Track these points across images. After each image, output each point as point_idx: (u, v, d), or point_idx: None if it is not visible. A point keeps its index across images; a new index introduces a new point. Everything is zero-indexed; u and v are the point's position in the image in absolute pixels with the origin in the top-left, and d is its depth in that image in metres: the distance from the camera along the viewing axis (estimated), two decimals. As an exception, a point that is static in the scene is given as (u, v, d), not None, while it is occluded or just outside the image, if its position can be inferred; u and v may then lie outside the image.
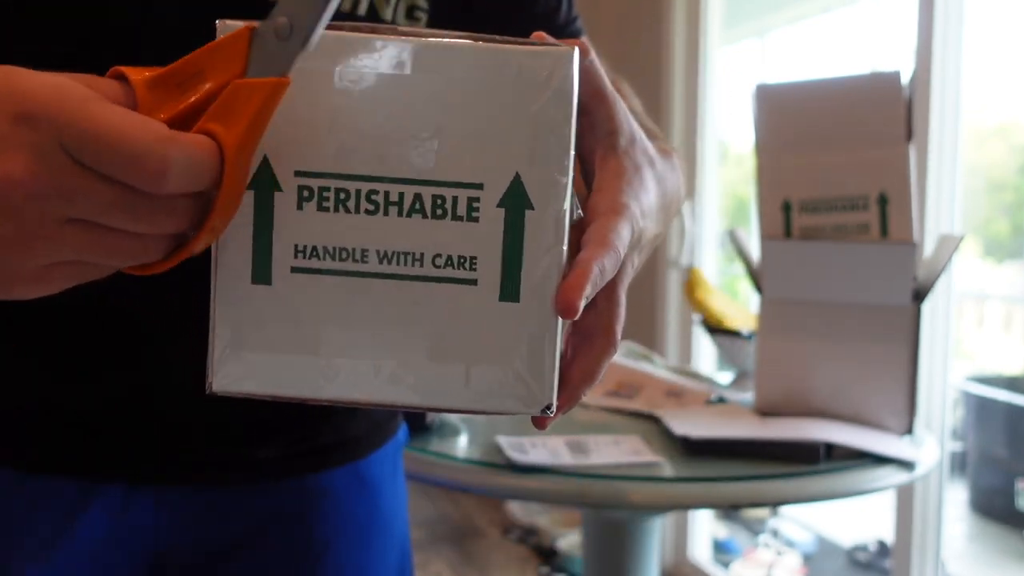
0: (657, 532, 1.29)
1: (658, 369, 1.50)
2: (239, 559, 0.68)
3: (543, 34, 0.41)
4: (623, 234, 0.41)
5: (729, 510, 2.89)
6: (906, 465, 1.07)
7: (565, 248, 0.39)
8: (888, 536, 2.62)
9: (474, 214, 0.39)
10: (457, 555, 2.79)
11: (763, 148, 1.26)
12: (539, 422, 0.41)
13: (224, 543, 0.68)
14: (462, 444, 1.08)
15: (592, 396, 1.36)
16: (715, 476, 1.01)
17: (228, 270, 0.39)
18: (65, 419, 0.62)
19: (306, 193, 0.38)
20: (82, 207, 0.33)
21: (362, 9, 0.63)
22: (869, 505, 2.80)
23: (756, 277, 1.28)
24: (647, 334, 2.66)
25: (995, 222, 3.03)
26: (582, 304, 0.38)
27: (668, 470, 1.03)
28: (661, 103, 2.65)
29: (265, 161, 0.38)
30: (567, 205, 0.39)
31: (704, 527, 2.70)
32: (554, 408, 0.40)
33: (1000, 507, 2.84)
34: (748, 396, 1.33)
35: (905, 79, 1.18)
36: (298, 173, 0.38)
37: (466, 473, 1.01)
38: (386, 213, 0.38)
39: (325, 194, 0.38)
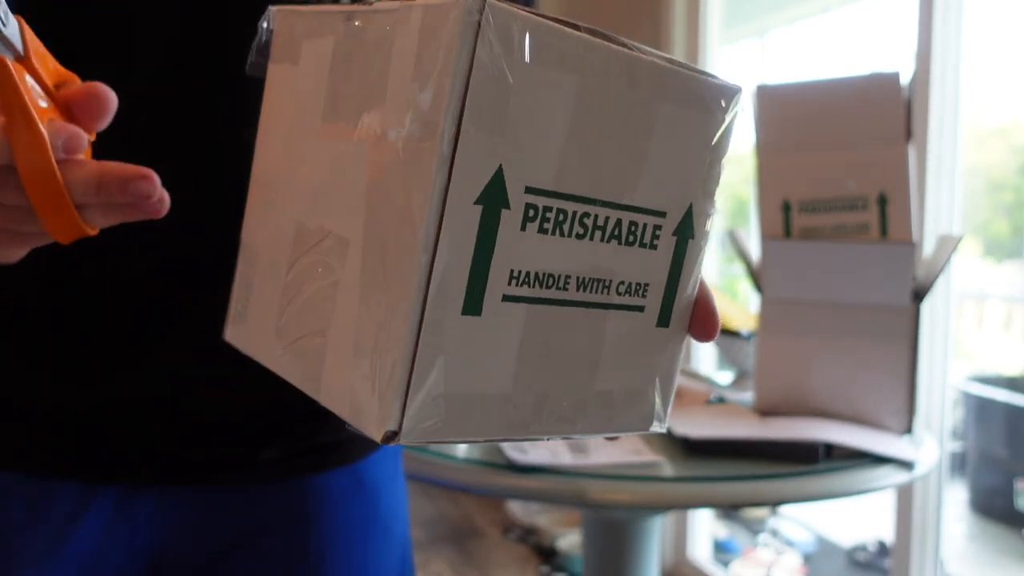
0: (657, 532, 1.29)
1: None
2: (238, 559, 0.68)
3: None
4: None
5: (729, 510, 2.89)
6: (906, 465, 1.07)
7: (701, 275, 0.41)
8: (888, 536, 2.62)
9: (655, 242, 0.39)
10: (457, 555, 2.79)
11: (763, 148, 1.26)
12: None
13: (223, 544, 0.68)
14: (462, 444, 1.08)
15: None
16: (715, 476, 1.01)
17: (439, 300, 0.32)
18: (65, 421, 0.62)
19: (531, 212, 0.34)
20: None
21: None
22: (869, 505, 2.80)
23: (756, 277, 1.29)
24: (647, 334, 2.66)
25: (995, 222, 3.03)
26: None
27: (668, 470, 1.03)
28: (661, 103, 2.64)
29: (499, 172, 0.33)
30: (708, 238, 0.41)
31: (704, 527, 2.69)
32: (667, 424, 0.43)
33: (1000, 507, 2.84)
34: (748, 396, 1.33)
35: (905, 79, 1.18)
36: (528, 190, 0.34)
37: (466, 473, 1.01)
38: (591, 238, 0.36)
39: (547, 215, 0.34)
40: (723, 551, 2.73)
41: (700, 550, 2.66)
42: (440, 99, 0.31)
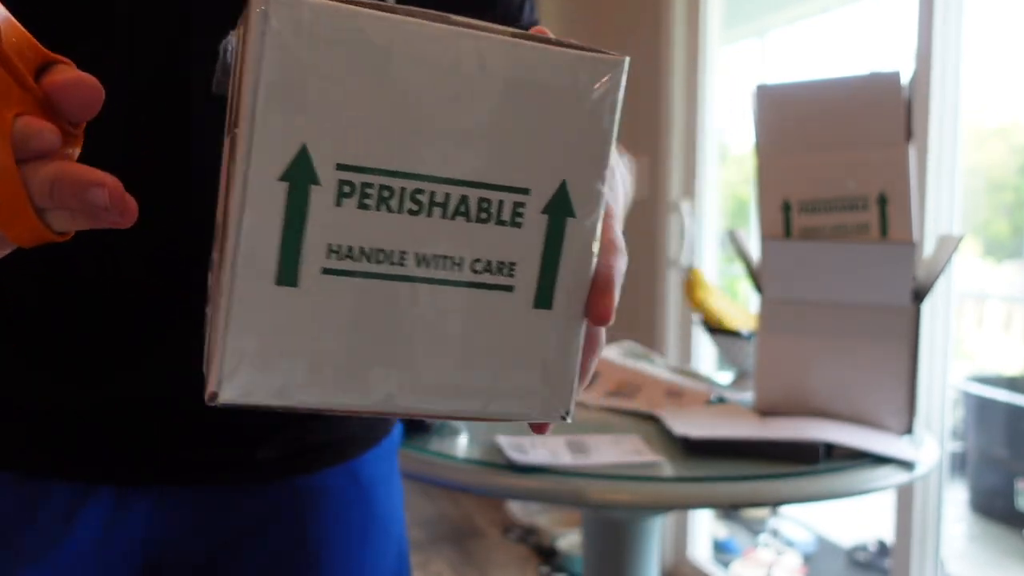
0: (657, 532, 1.29)
1: (658, 369, 1.50)
2: (236, 558, 0.68)
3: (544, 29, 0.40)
4: (619, 236, 0.42)
5: (729, 510, 2.89)
6: (906, 465, 1.07)
7: (596, 257, 0.39)
8: (888, 536, 2.62)
9: (518, 219, 0.38)
10: (457, 555, 2.79)
11: (763, 148, 1.26)
12: (540, 428, 0.41)
13: (222, 543, 0.68)
14: (462, 444, 1.08)
15: (592, 396, 1.36)
16: (715, 476, 1.01)
17: (249, 269, 0.35)
18: (64, 420, 0.62)
19: (346, 188, 0.36)
20: None
21: None
22: (869, 505, 2.80)
23: (756, 277, 1.28)
24: (647, 334, 2.66)
25: (995, 222, 3.03)
26: (614, 310, 0.39)
27: (668, 470, 1.03)
28: (661, 103, 2.65)
29: (303, 151, 0.35)
30: (601, 214, 0.39)
31: (704, 527, 2.69)
32: (571, 415, 0.40)
33: (1000, 507, 2.84)
34: (748, 396, 1.33)
35: (905, 79, 1.18)
36: (340, 167, 0.35)
37: (466, 473, 1.01)
38: (429, 214, 0.37)
39: (368, 191, 0.36)
40: (723, 551, 2.73)
41: (700, 550, 2.66)
42: (246, 89, 0.34)
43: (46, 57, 0.37)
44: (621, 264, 0.40)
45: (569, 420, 0.40)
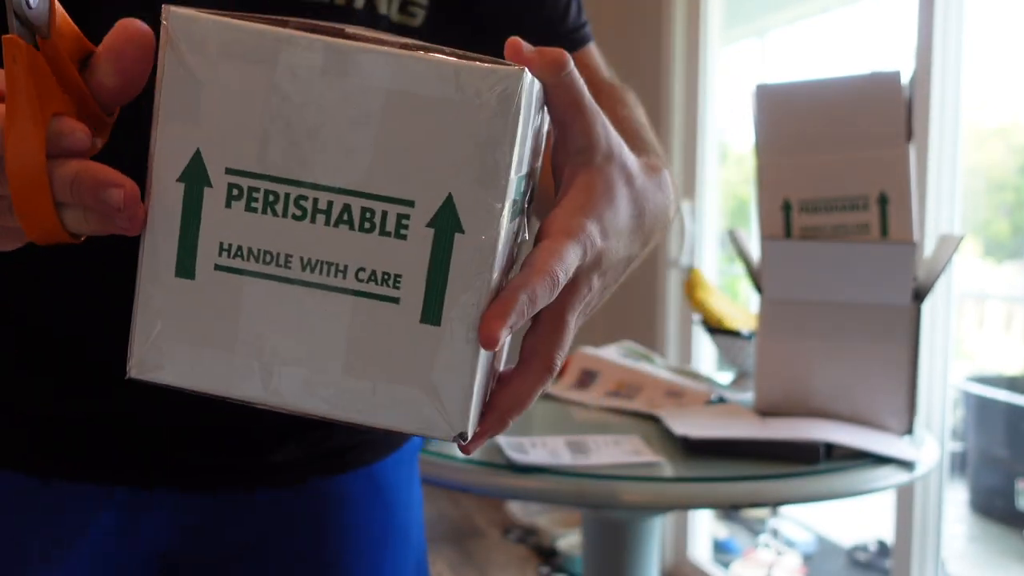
0: (657, 532, 1.29)
1: (658, 369, 1.50)
2: (253, 561, 0.68)
3: (517, 41, 0.40)
4: (567, 258, 0.39)
5: (729, 510, 2.89)
6: (906, 465, 1.07)
7: (495, 276, 0.38)
8: (888, 536, 2.62)
9: (403, 231, 0.37)
10: (457, 555, 2.79)
11: (763, 148, 1.26)
12: (464, 448, 0.40)
13: (239, 546, 0.67)
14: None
15: (592, 396, 1.36)
16: (715, 476, 1.01)
17: (153, 260, 0.39)
18: (81, 425, 0.62)
19: (235, 192, 0.38)
20: None
21: (359, 3, 0.62)
22: (869, 505, 2.79)
23: (756, 277, 1.28)
24: (647, 334, 2.66)
25: (995, 222, 3.03)
26: (503, 334, 0.37)
27: (668, 470, 1.02)
28: (661, 103, 2.65)
29: (197, 155, 0.38)
30: (502, 232, 0.37)
31: (704, 527, 2.70)
32: (469, 436, 0.39)
33: (1000, 507, 2.84)
34: (748, 396, 1.33)
35: (905, 79, 1.18)
36: (229, 171, 0.38)
37: (466, 473, 1.01)
38: (313, 220, 0.37)
39: (254, 195, 0.38)
40: (723, 551, 2.73)
41: (700, 550, 2.66)
42: (156, 98, 0.38)
43: (88, 49, 0.39)
44: (538, 288, 0.38)
45: (463, 442, 0.39)
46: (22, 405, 0.63)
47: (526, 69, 0.37)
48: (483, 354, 0.38)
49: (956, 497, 2.95)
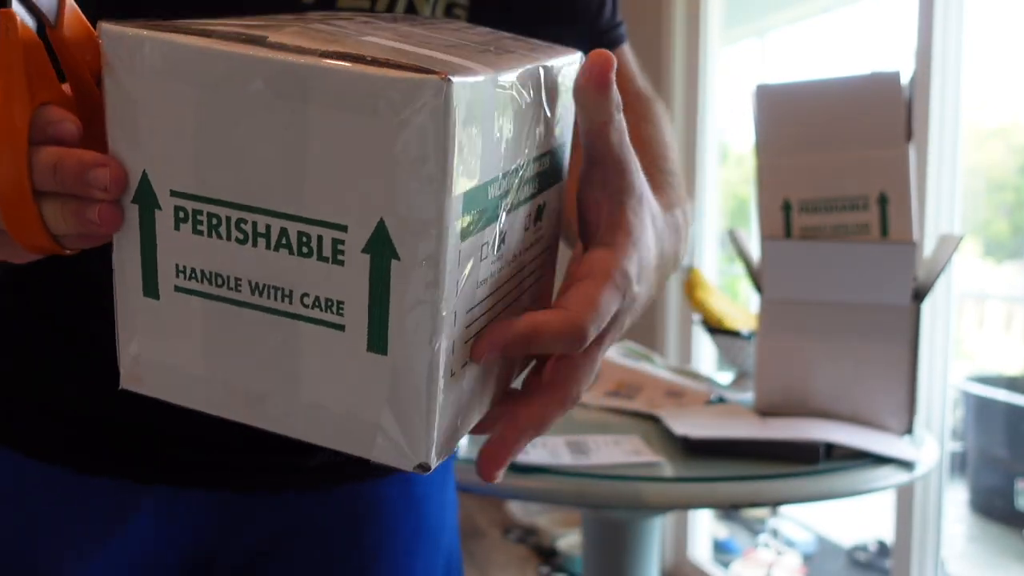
0: (657, 532, 1.29)
1: (658, 369, 1.50)
2: (284, 560, 0.68)
3: (603, 69, 0.38)
4: (605, 307, 0.39)
5: (729, 510, 2.89)
6: (906, 465, 1.07)
7: (441, 304, 0.35)
8: (888, 536, 2.62)
9: (339, 257, 0.35)
10: (457, 555, 2.79)
11: (763, 148, 1.26)
12: (481, 474, 0.39)
13: (269, 545, 0.68)
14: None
15: (592, 396, 1.36)
16: (715, 476, 1.01)
17: (123, 279, 0.39)
18: (118, 423, 0.63)
19: (181, 214, 0.37)
20: None
21: (400, 7, 0.63)
22: (869, 505, 2.79)
23: (756, 277, 1.28)
24: (647, 334, 2.66)
25: (995, 222, 3.02)
26: (492, 356, 0.37)
27: (668, 470, 1.02)
28: (661, 103, 2.64)
29: (144, 176, 0.37)
30: (444, 255, 0.34)
31: (704, 527, 2.70)
32: (432, 465, 0.37)
33: (1000, 507, 2.84)
34: (748, 396, 1.33)
35: (905, 79, 1.18)
36: (173, 193, 0.36)
37: (466, 473, 1.01)
38: (255, 244, 0.36)
39: (199, 217, 0.36)
40: (723, 551, 2.73)
41: (700, 550, 2.66)
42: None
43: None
44: (562, 337, 0.37)
45: (423, 473, 0.37)
46: (61, 402, 0.63)
47: (449, 81, 0.32)
48: (443, 379, 0.36)
49: (956, 497, 2.95)
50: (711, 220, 2.64)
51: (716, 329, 1.56)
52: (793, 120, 1.24)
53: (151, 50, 0.35)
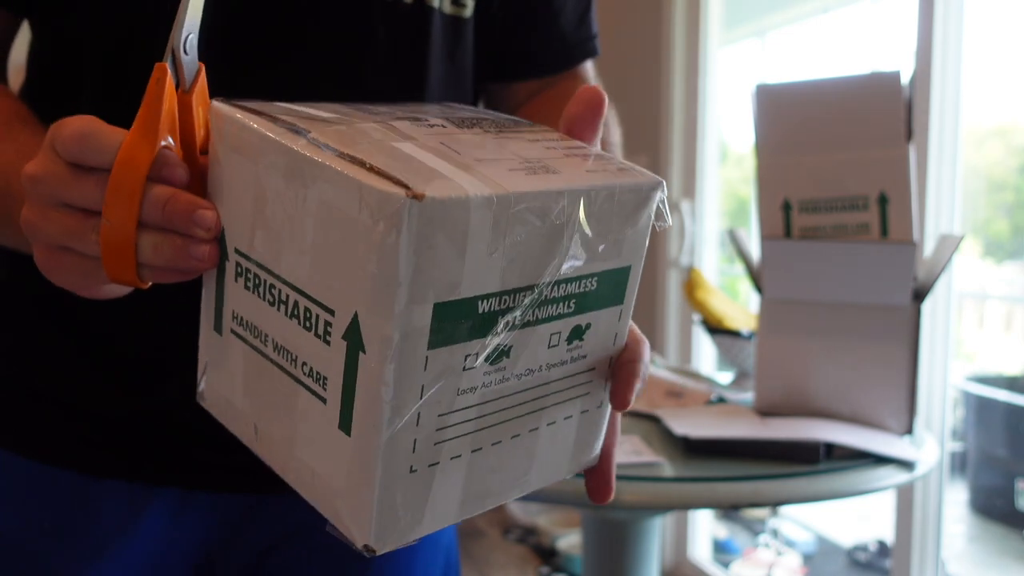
0: (657, 532, 1.29)
1: (658, 369, 1.50)
2: (286, 558, 0.69)
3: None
4: (646, 358, 0.47)
5: (729, 510, 2.89)
6: (906, 465, 1.07)
7: (389, 402, 0.36)
8: (888, 536, 2.62)
9: (328, 337, 0.37)
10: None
11: (763, 148, 1.26)
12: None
13: (272, 543, 0.69)
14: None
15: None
16: (715, 476, 1.01)
17: (205, 310, 0.45)
18: (128, 423, 0.64)
19: (239, 269, 0.42)
20: (58, 190, 0.41)
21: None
22: (869, 505, 2.79)
23: (756, 277, 1.28)
24: (647, 334, 2.65)
25: (995, 222, 3.02)
26: (631, 400, 0.45)
27: (668, 470, 1.02)
28: (661, 103, 2.65)
29: (223, 232, 0.42)
30: (393, 362, 0.35)
31: (704, 527, 2.70)
32: (377, 550, 0.38)
33: (1000, 507, 2.84)
34: (748, 396, 1.33)
35: (905, 79, 1.18)
36: (236, 250, 0.42)
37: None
38: (278, 308, 0.40)
39: (249, 275, 0.41)
40: (723, 551, 2.73)
41: (700, 550, 2.66)
42: None
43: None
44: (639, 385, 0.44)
45: (368, 555, 0.39)
46: (75, 403, 0.64)
47: (427, 195, 0.33)
48: (389, 472, 0.37)
49: (956, 497, 2.95)
50: (711, 220, 2.64)
51: (716, 329, 1.56)
52: (793, 120, 1.24)
53: (234, 127, 0.41)
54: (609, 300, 0.44)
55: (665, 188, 0.43)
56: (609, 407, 0.47)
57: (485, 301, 0.37)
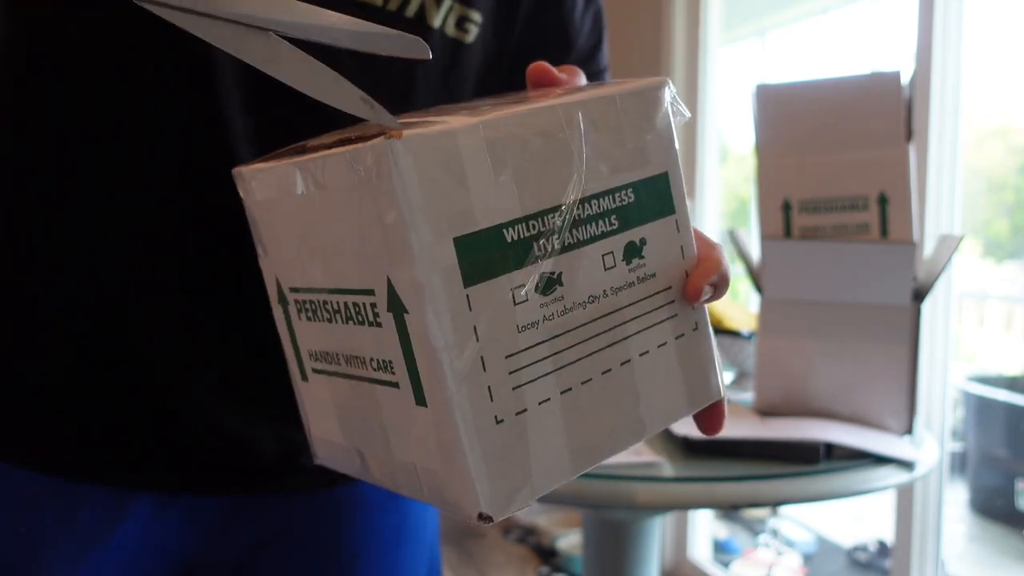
0: (657, 532, 1.29)
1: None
2: (270, 560, 0.68)
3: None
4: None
5: (729, 510, 2.89)
6: (906, 465, 1.07)
7: (449, 351, 0.35)
8: (888, 536, 2.62)
9: (377, 319, 0.37)
10: (457, 555, 2.78)
11: (763, 148, 1.26)
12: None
13: (254, 546, 0.68)
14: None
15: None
16: (715, 476, 1.01)
17: (290, 368, 0.47)
18: (104, 430, 0.63)
19: (298, 305, 0.43)
20: None
21: (411, 11, 0.63)
22: (869, 505, 2.79)
23: (756, 277, 1.28)
24: (647, 334, 2.66)
25: (995, 222, 3.02)
26: (705, 292, 0.42)
27: (668, 470, 1.02)
28: (661, 103, 2.64)
29: (276, 280, 0.44)
30: (443, 306, 0.34)
31: (704, 527, 2.69)
32: (494, 516, 0.36)
33: (1000, 507, 2.84)
34: (748, 396, 1.33)
35: (905, 79, 1.18)
36: (292, 289, 0.43)
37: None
38: (333, 320, 0.40)
39: (305, 305, 0.42)
40: (723, 551, 2.73)
41: (700, 550, 2.66)
42: None
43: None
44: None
45: (484, 524, 0.37)
46: (52, 407, 0.63)
47: (398, 139, 0.34)
48: (477, 426, 0.35)
49: (956, 497, 2.95)
50: (711, 220, 2.64)
51: (716, 329, 1.56)
52: (793, 120, 1.24)
53: (253, 181, 0.43)
54: (656, 211, 0.42)
55: (672, 85, 0.42)
56: (710, 331, 0.44)
57: (510, 229, 0.36)
